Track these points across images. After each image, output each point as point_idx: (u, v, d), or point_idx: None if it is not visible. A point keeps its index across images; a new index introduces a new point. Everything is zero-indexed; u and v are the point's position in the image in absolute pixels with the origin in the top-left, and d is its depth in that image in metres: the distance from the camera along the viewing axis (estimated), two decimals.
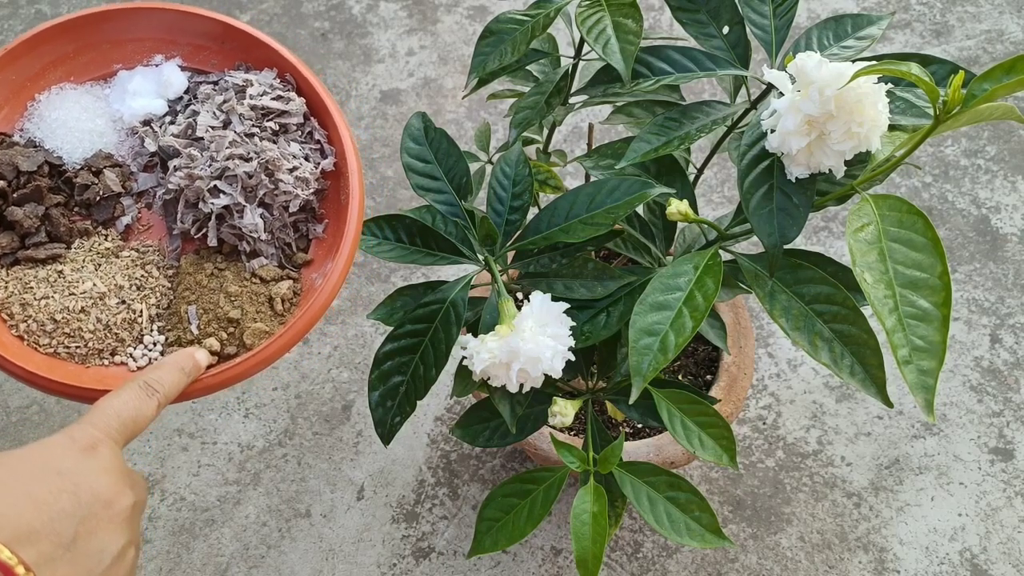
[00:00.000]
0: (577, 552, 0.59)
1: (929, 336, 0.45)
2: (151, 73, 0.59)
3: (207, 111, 0.57)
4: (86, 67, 0.59)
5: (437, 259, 0.62)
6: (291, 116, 0.57)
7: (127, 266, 0.56)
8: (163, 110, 0.59)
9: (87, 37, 0.58)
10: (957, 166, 1.18)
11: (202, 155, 0.56)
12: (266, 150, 0.55)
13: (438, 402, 1.03)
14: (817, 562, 0.91)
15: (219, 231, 0.56)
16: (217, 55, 0.60)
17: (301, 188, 0.56)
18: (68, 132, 0.58)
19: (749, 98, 0.62)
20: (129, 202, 0.58)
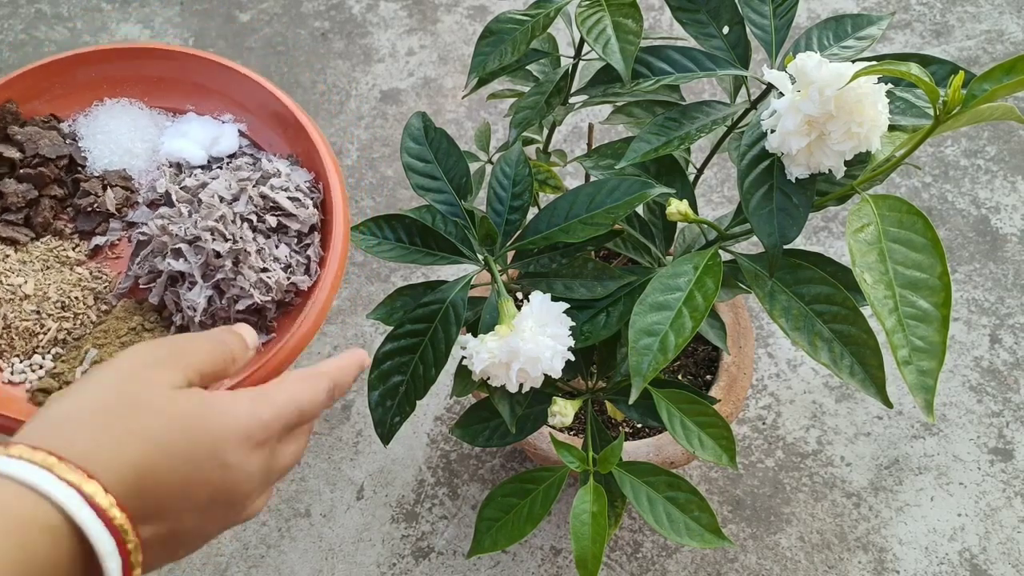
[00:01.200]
0: (577, 552, 0.59)
1: (929, 336, 0.45)
2: (211, 125, 0.59)
3: (224, 180, 0.55)
4: (163, 96, 0.60)
5: (437, 259, 0.62)
6: (296, 222, 0.54)
7: (70, 282, 0.54)
8: (199, 161, 0.58)
9: (177, 72, 0.58)
10: (957, 166, 1.18)
11: (190, 216, 0.54)
12: (246, 240, 0.52)
13: (438, 402, 1.03)
14: (817, 562, 0.91)
15: (164, 292, 0.53)
16: (278, 136, 0.59)
17: (260, 291, 0.52)
18: (107, 140, 0.58)
19: (749, 98, 0.62)
20: (116, 226, 0.57)
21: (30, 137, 0.56)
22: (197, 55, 0.57)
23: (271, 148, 0.58)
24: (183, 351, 0.38)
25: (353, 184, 1.21)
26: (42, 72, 0.58)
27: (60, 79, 0.59)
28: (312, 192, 0.55)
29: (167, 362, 0.37)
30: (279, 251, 0.53)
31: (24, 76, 0.58)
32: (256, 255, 0.52)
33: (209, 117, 0.59)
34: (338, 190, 0.54)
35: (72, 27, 1.41)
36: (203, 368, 0.39)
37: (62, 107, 0.59)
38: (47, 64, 0.58)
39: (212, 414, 0.36)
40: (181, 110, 0.60)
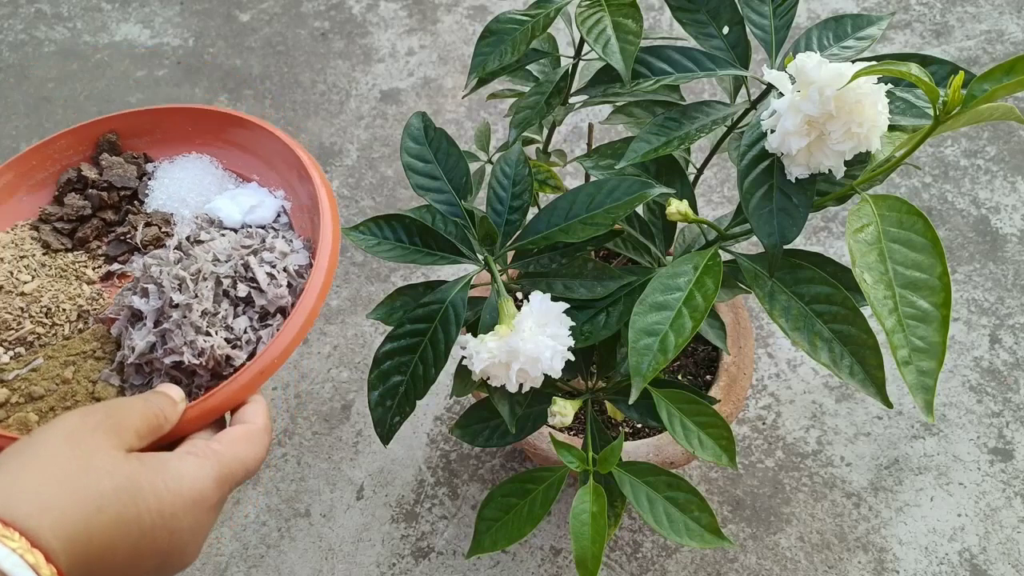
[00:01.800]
0: (576, 552, 0.59)
1: (929, 337, 0.45)
2: (259, 194, 0.60)
3: (229, 242, 0.55)
4: (239, 161, 0.62)
5: (437, 259, 0.62)
6: (263, 298, 0.52)
7: (68, 294, 0.56)
8: (233, 224, 0.58)
9: (257, 145, 0.61)
10: (957, 166, 1.18)
11: (177, 263, 0.54)
12: (202, 297, 0.51)
13: (438, 402, 1.03)
14: (816, 562, 0.91)
15: (124, 327, 0.53)
16: (307, 222, 0.59)
17: (191, 351, 0.50)
18: (169, 185, 0.61)
19: (749, 98, 0.62)
20: (137, 260, 0.59)
21: (112, 165, 0.61)
22: (279, 137, 0.59)
23: (301, 231, 0.58)
24: (118, 414, 0.39)
25: (353, 184, 1.21)
26: (148, 115, 0.63)
27: (162, 125, 0.63)
28: (298, 278, 0.54)
29: (106, 426, 0.37)
30: (237, 321, 0.52)
31: (132, 115, 0.63)
32: (201, 316, 0.51)
33: (266, 190, 0.61)
34: (318, 280, 0.51)
35: (72, 27, 1.40)
36: (139, 429, 0.39)
37: (157, 150, 0.64)
38: (155, 110, 0.63)
39: (159, 479, 0.36)
40: (248, 177, 0.62)
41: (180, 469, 0.38)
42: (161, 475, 0.36)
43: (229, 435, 0.43)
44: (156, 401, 0.42)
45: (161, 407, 0.42)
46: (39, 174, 0.62)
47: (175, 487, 0.37)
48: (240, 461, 0.41)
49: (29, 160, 0.61)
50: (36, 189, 0.62)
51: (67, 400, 0.50)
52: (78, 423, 0.37)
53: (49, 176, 0.62)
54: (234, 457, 0.41)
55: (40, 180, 0.62)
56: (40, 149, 0.61)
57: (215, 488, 0.39)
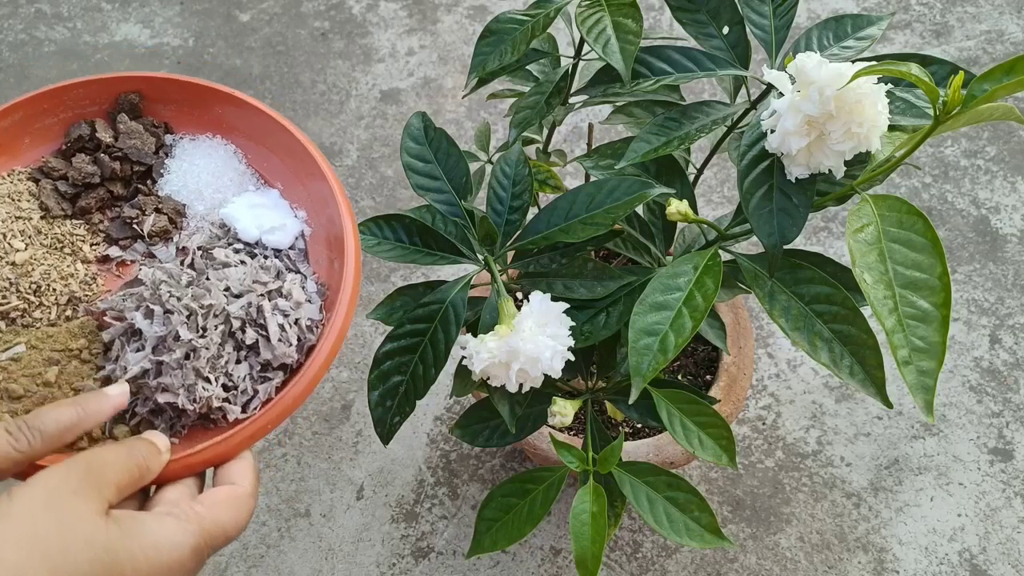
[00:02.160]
0: (576, 552, 0.59)
1: (929, 337, 0.45)
2: (282, 213, 0.56)
3: (245, 273, 0.51)
4: (265, 161, 0.58)
5: (437, 259, 0.62)
6: (270, 352, 0.50)
7: (61, 272, 0.53)
8: (248, 239, 0.55)
9: (289, 152, 0.56)
10: (957, 166, 1.18)
11: (188, 286, 0.51)
12: (210, 341, 0.48)
13: (438, 402, 1.03)
14: (816, 562, 0.91)
15: (119, 337, 0.51)
16: (326, 258, 0.55)
17: (186, 396, 0.48)
18: (188, 171, 0.58)
19: (749, 98, 0.62)
20: (139, 248, 0.56)
21: (130, 132, 0.57)
22: (312, 155, 0.54)
23: (316, 267, 0.55)
24: (99, 469, 0.38)
25: (353, 184, 1.21)
26: (177, 85, 0.58)
27: (191, 98, 0.58)
28: (307, 333, 0.51)
29: (86, 486, 0.37)
30: (238, 368, 0.49)
31: (160, 80, 0.58)
32: (207, 361, 0.48)
33: (288, 204, 0.57)
34: (328, 344, 0.49)
35: (72, 27, 1.40)
36: (120, 483, 0.39)
37: (180, 122, 0.59)
38: (186, 81, 0.58)
39: (138, 548, 0.36)
40: (271, 183, 0.58)
41: (158, 536, 0.37)
42: (139, 542, 0.36)
43: (213, 497, 0.42)
44: (140, 451, 0.41)
45: (145, 458, 0.41)
46: (49, 119, 0.57)
47: (153, 556, 0.36)
48: (221, 527, 0.40)
49: (40, 103, 0.56)
50: (43, 135, 0.57)
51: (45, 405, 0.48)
52: (59, 484, 0.36)
53: (59, 123, 0.58)
54: (215, 523, 0.40)
55: (48, 125, 0.57)
56: (54, 93, 0.56)
57: (192, 556, 0.38)
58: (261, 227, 0.55)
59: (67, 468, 0.38)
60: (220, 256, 0.53)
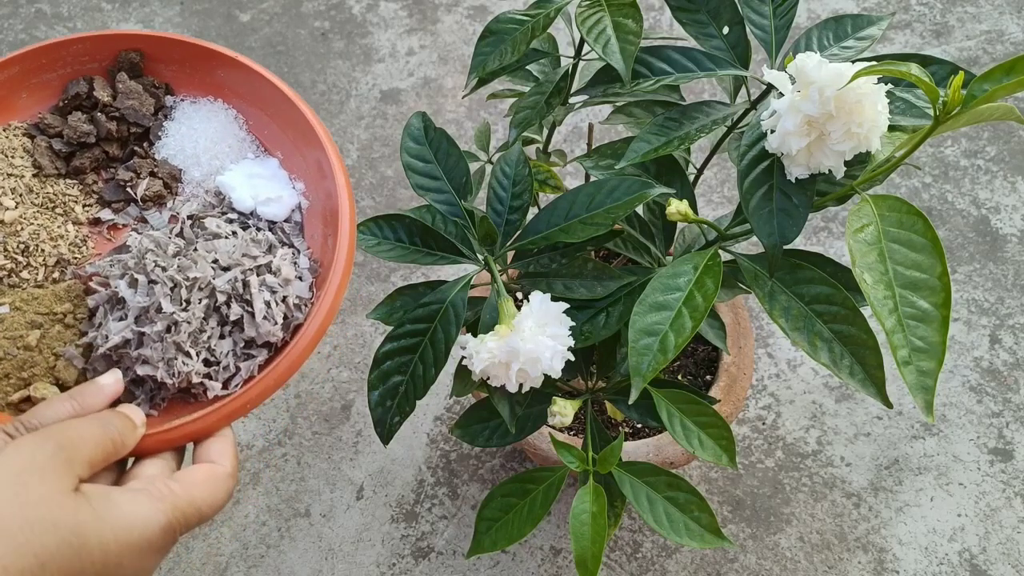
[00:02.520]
0: (576, 552, 0.59)
1: (929, 337, 0.45)
2: (279, 185, 0.54)
3: (234, 246, 0.50)
4: (266, 129, 0.57)
5: (437, 259, 0.62)
6: (254, 330, 0.48)
7: (51, 233, 0.52)
8: (242, 208, 0.53)
9: (290, 120, 0.55)
10: (957, 167, 1.18)
11: (175, 256, 0.49)
12: (193, 316, 0.47)
13: (438, 402, 1.03)
14: (816, 562, 0.91)
15: (103, 304, 0.50)
16: (320, 232, 0.53)
17: (165, 370, 0.47)
18: (187, 135, 0.56)
19: (749, 98, 0.62)
20: (132, 212, 0.55)
21: (128, 92, 0.56)
22: (313, 125, 0.53)
23: (310, 243, 0.54)
24: (71, 444, 0.38)
25: (353, 184, 1.21)
26: (180, 45, 0.56)
27: (193, 60, 0.57)
28: (295, 312, 0.49)
29: (56, 461, 0.36)
30: (221, 344, 0.48)
31: (163, 40, 0.57)
32: (188, 336, 0.47)
33: (286, 175, 0.55)
34: (315, 324, 0.48)
35: (72, 27, 1.41)
36: (92, 458, 0.38)
37: (181, 84, 0.58)
38: (189, 42, 0.56)
39: (107, 528, 0.35)
40: (271, 151, 0.57)
41: (129, 514, 0.36)
42: (109, 523, 0.36)
43: (190, 476, 0.41)
44: (115, 425, 0.41)
45: (120, 432, 0.41)
46: (47, 74, 0.56)
47: (123, 536, 0.36)
48: (196, 507, 0.39)
49: (39, 57, 0.55)
50: (41, 90, 0.56)
51: (24, 370, 0.47)
52: (28, 462, 0.36)
53: (57, 79, 0.56)
54: (190, 502, 0.39)
55: (47, 80, 0.56)
56: (53, 48, 0.55)
57: (163, 535, 0.37)
58: (257, 197, 0.53)
59: (37, 443, 0.37)
60: (211, 226, 0.52)
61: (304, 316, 0.49)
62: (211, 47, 0.56)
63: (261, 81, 0.55)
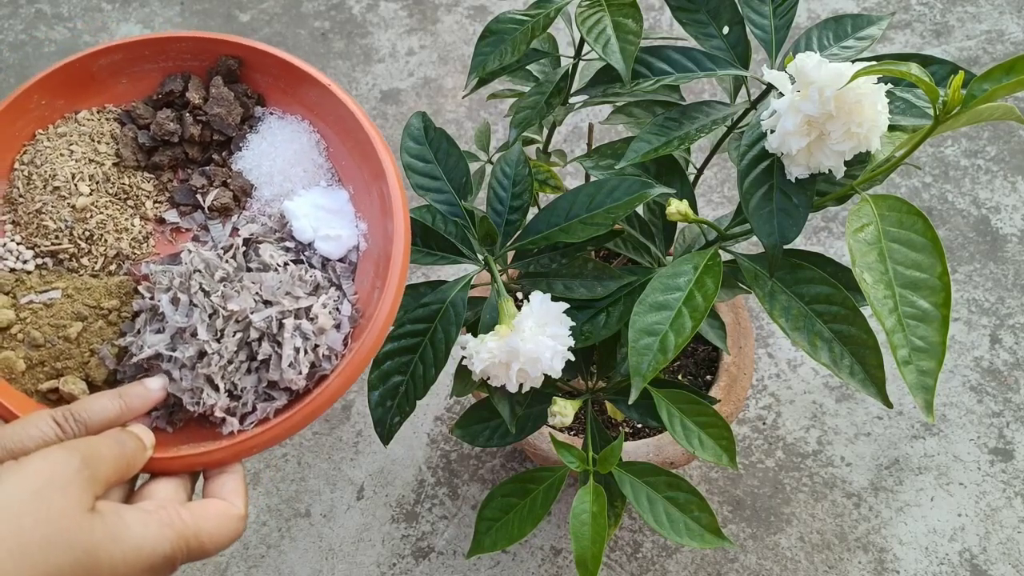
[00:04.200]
0: (576, 552, 0.59)
1: (929, 336, 0.45)
2: (345, 223, 0.53)
3: (279, 283, 0.49)
4: (344, 157, 0.56)
5: (437, 259, 0.62)
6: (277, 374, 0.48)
7: (114, 225, 0.52)
8: (301, 238, 0.53)
9: (368, 160, 0.54)
10: (957, 166, 1.18)
11: (221, 281, 0.49)
12: (226, 350, 0.47)
13: (438, 402, 1.03)
14: (817, 562, 0.91)
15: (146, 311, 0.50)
16: (370, 282, 0.52)
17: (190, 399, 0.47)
18: (266, 151, 0.56)
19: (749, 98, 0.62)
20: (198, 218, 0.55)
21: (220, 99, 0.56)
22: (387, 170, 0.52)
23: (359, 287, 0.52)
24: (92, 461, 0.38)
25: None
26: (276, 60, 0.56)
27: (287, 76, 0.57)
28: (323, 362, 0.49)
29: (80, 477, 0.37)
30: (245, 379, 0.48)
31: (263, 53, 0.57)
32: (219, 368, 0.47)
33: (352, 213, 0.54)
34: (343, 376, 0.47)
35: (72, 27, 1.41)
36: (109, 477, 0.39)
37: (274, 97, 0.58)
38: (285, 59, 0.56)
39: (118, 551, 0.36)
40: (344, 183, 0.56)
41: (139, 537, 0.37)
42: (120, 545, 0.36)
43: (203, 509, 0.41)
44: (129, 446, 0.42)
45: (133, 452, 0.42)
46: (148, 64, 0.57)
47: (132, 558, 0.37)
48: (200, 541, 0.40)
49: (142, 48, 0.56)
50: (140, 79, 0.57)
51: (59, 361, 0.48)
52: (53, 474, 0.37)
53: (157, 71, 0.57)
54: (196, 535, 0.40)
55: (148, 71, 0.57)
56: (156, 42, 0.56)
57: (164, 562, 0.38)
58: (317, 231, 0.53)
59: (65, 457, 0.38)
60: (265, 255, 0.51)
61: (331, 368, 0.48)
62: (304, 68, 0.56)
63: (345, 111, 0.54)
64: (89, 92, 0.57)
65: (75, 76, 0.55)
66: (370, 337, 0.47)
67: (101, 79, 0.56)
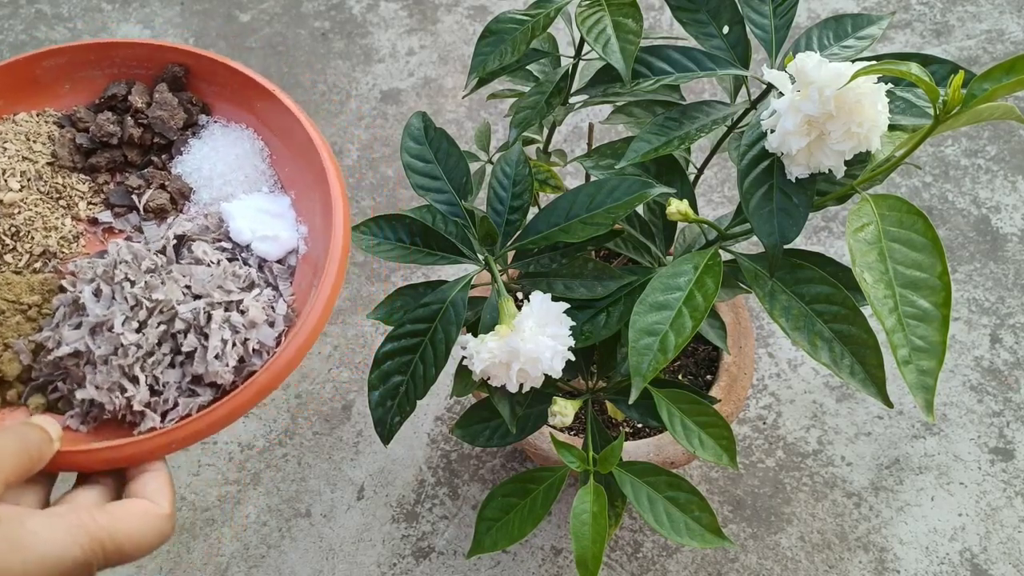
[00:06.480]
0: (577, 552, 0.59)
1: (929, 336, 0.45)
2: (285, 225, 0.53)
3: (211, 276, 0.48)
4: (287, 162, 0.55)
5: (437, 259, 0.62)
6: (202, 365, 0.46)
7: (43, 224, 0.52)
8: (239, 239, 0.52)
9: (310, 167, 0.54)
10: (957, 166, 1.18)
11: (147, 272, 0.48)
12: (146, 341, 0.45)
13: (438, 402, 1.03)
14: (817, 562, 0.91)
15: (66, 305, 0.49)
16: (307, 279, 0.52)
17: (106, 395, 0.45)
18: (207, 156, 0.56)
19: (749, 98, 0.62)
20: (132, 220, 0.55)
21: (163, 103, 0.56)
22: (329, 175, 0.51)
23: (297, 289, 0.51)
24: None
25: (353, 184, 1.21)
26: (224, 68, 0.56)
27: (234, 85, 0.56)
28: (253, 357, 0.47)
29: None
30: (168, 374, 0.45)
31: (210, 60, 0.56)
32: (136, 360, 0.45)
33: (294, 217, 0.54)
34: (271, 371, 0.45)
35: (72, 27, 1.41)
36: (10, 477, 0.37)
37: (219, 105, 0.58)
38: (234, 68, 0.56)
39: (18, 559, 0.34)
40: (287, 189, 0.55)
41: (46, 545, 0.34)
42: (21, 554, 0.34)
43: (120, 509, 0.39)
44: (32, 440, 0.39)
45: (38, 446, 0.39)
46: (93, 71, 0.57)
47: (35, 568, 0.34)
48: (117, 543, 0.37)
49: (87, 53, 0.56)
50: (84, 85, 0.57)
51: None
52: None
53: (102, 77, 0.57)
54: (112, 537, 0.37)
55: (92, 77, 0.57)
56: (103, 48, 0.56)
57: (78, 569, 0.35)
58: (256, 231, 0.52)
59: None
60: (198, 251, 0.50)
61: (261, 364, 0.46)
62: (252, 76, 0.55)
63: (291, 119, 0.54)
64: (29, 94, 0.56)
65: (17, 77, 0.55)
66: (300, 335, 0.46)
67: (44, 82, 0.56)
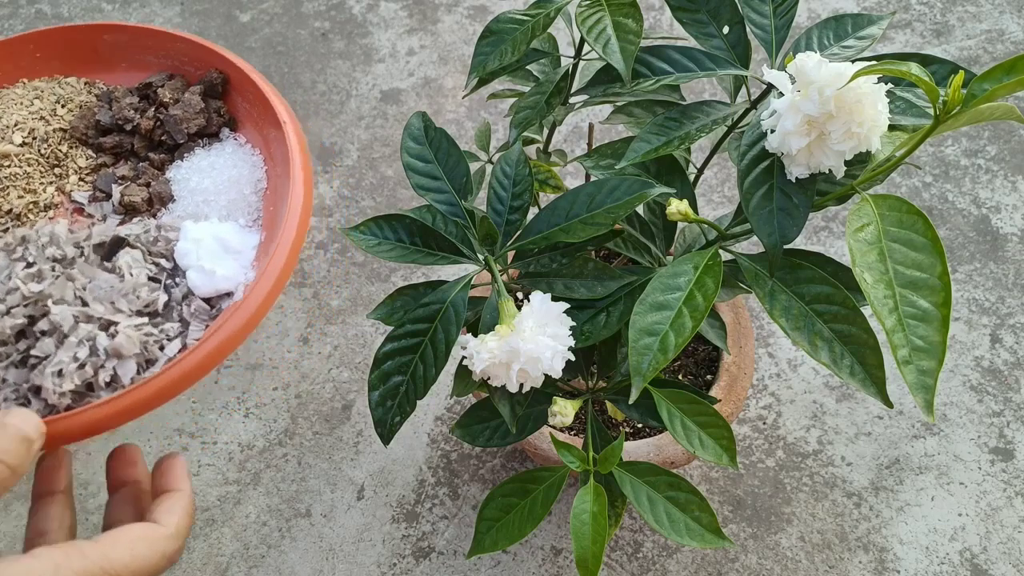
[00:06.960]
0: (577, 552, 0.59)
1: (929, 336, 0.45)
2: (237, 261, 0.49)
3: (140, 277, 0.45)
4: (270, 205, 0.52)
5: (437, 259, 0.62)
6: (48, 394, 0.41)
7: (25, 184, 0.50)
8: (182, 263, 0.48)
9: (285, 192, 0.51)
10: (957, 166, 1.18)
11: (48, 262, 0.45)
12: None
13: (438, 402, 1.03)
14: (817, 562, 0.91)
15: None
16: None
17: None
18: (202, 171, 0.54)
19: (749, 98, 0.62)
20: (106, 209, 0.54)
21: (187, 103, 0.55)
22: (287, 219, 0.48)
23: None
24: None
25: (353, 184, 1.21)
26: (254, 88, 0.54)
27: (261, 106, 0.54)
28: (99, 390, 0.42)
29: None
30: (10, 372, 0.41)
31: (243, 74, 0.55)
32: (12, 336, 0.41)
33: (251, 261, 0.50)
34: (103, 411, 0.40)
35: None
36: None
37: (246, 124, 0.57)
38: (260, 91, 0.54)
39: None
40: (263, 228, 0.52)
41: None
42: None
43: (113, 537, 0.36)
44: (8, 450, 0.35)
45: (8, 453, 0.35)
46: (149, 56, 0.57)
47: None
48: (114, 573, 0.34)
49: (148, 38, 0.56)
50: (139, 67, 0.57)
51: None
52: None
53: (156, 63, 0.57)
54: (106, 568, 0.34)
55: (148, 61, 0.57)
56: (161, 36, 0.56)
57: None
58: (200, 258, 0.48)
59: None
60: (125, 259, 0.46)
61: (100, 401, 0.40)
62: (270, 97, 0.53)
63: (288, 155, 0.51)
64: (87, 62, 0.55)
65: (77, 43, 0.54)
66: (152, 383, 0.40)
67: (103, 55, 0.56)
